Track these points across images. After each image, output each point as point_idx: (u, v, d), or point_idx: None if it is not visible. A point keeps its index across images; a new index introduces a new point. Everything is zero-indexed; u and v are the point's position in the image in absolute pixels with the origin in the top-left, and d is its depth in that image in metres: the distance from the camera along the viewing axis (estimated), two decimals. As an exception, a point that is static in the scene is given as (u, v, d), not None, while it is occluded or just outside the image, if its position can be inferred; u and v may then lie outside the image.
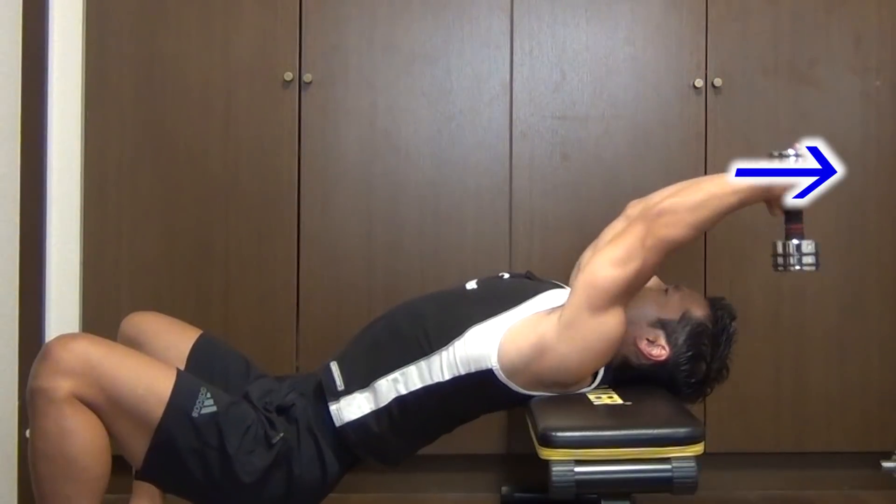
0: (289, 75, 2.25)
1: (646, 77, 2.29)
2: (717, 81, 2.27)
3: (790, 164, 1.72)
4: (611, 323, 1.65)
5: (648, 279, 1.71)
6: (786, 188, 1.70)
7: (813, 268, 1.76)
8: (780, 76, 2.29)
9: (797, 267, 1.76)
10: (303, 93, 2.27)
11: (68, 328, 2.25)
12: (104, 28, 2.27)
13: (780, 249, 1.77)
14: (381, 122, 2.28)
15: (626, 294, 1.66)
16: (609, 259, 1.64)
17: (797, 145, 1.75)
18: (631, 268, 1.63)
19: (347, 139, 2.28)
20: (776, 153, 1.75)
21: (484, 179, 2.29)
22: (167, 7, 2.27)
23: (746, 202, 1.71)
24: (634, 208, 1.96)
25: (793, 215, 1.77)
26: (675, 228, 1.64)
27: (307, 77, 2.26)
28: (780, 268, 1.78)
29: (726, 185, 1.69)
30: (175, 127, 2.27)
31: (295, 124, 2.27)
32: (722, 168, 2.26)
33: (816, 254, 1.76)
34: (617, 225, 1.96)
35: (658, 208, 1.65)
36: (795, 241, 1.75)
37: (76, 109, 2.28)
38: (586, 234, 2.27)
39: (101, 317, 2.25)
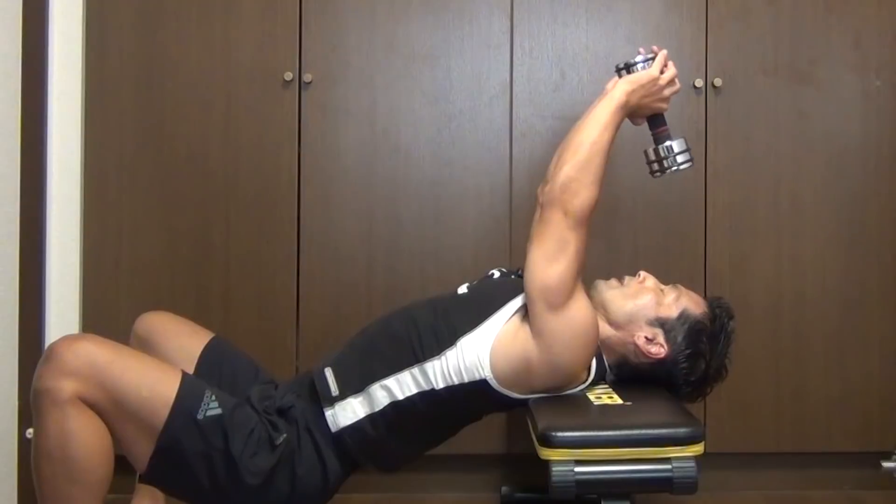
0: (289, 75, 2.25)
1: (646, 77, 2.29)
2: (717, 81, 2.27)
3: (640, 70, 1.74)
4: (577, 312, 1.64)
5: (585, 244, 1.67)
6: (644, 94, 1.72)
7: (689, 164, 1.78)
8: (780, 76, 2.29)
9: (674, 168, 1.77)
10: (303, 93, 2.27)
11: (68, 328, 2.25)
12: (104, 28, 2.27)
13: (652, 156, 1.79)
14: (381, 122, 2.28)
15: (577, 277, 1.65)
16: (544, 259, 1.63)
17: (640, 49, 1.76)
18: (568, 253, 1.62)
19: (347, 139, 2.28)
20: (621, 66, 1.76)
21: (484, 179, 2.29)
22: (167, 7, 2.27)
23: (618, 124, 1.72)
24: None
25: (656, 119, 1.78)
26: (581, 194, 1.63)
27: (307, 77, 2.26)
28: (657, 173, 1.79)
29: (597, 123, 1.68)
30: (175, 127, 2.27)
31: (295, 124, 2.27)
32: (722, 167, 2.28)
33: (688, 150, 1.77)
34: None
35: (558, 185, 1.63)
36: (666, 144, 1.76)
37: (76, 109, 2.28)
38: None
39: (101, 317, 2.25)
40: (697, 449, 1.50)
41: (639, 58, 1.75)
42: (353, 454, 1.67)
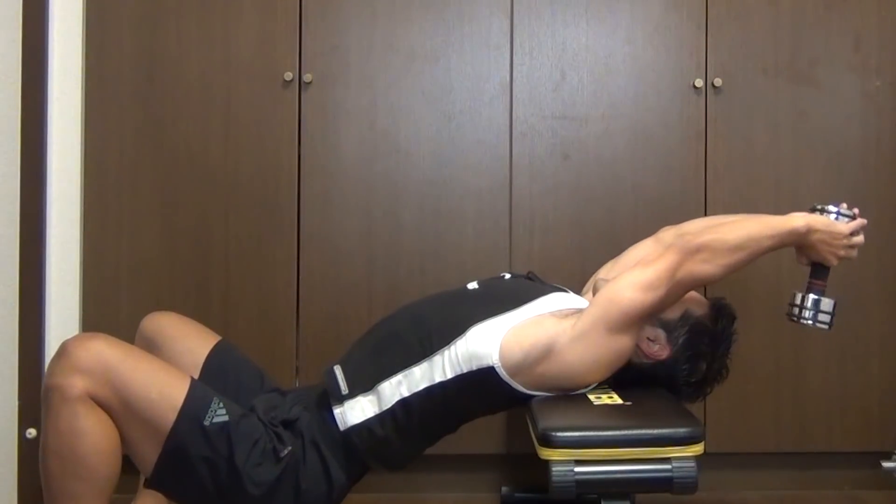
0: (289, 75, 2.25)
1: (646, 77, 2.29)
2: (717, 81, 2.27)
3: (832, 219, 1.72)
4: (623, 343, 1.67)
5: (667, 308, 1.71)
6: (824, 240, 1.71)
7: (826, 327, 1.76)
8: (780, 76, 2.29)
9: (810, 322, 1.76)
10: (303, 93, 2.27)
11: (68, 328, 2.25)
12: (104, 28, 2.27)
13: (797, 301, 1.77)
14: (381, 121, 2.28)
15: (644, 319, 1.68)
16: (636, 282, 1.65)
17: (842, 204, 1.74)
18: (655, 295, 1.64)
19: (347, 139, 2.28)
20: (818, 206, 1.75)
21: (484, 179, 2.29)
22: (167, 7, 2.27)
23: (782, 245, 1.72)
24: (667, 233, 1.95)
25: (820, 270, 1.77)
26: (709, 266, 1.64)
27: (307, 77, 2.26)
28: (792, 318, 1.78)
29: (766, 226, 1.69)
30: (175, 127, 2.27)
31: (295, 124, 2.27)
32: (722, 167, 2.28)
33: (833, 314, 1.75)
34: (646, 245, 1.96)
35: (697, 243, 1.64)
36: (814, 297, 1.76)
37: (76, 109, 2.28)
38: (586, 233, 2.28)
39: (101, 317, 2.25)
40: (697, 449, 1.50)
41: (833, 207, 1.74)
42: (360, 454, 1.67)
